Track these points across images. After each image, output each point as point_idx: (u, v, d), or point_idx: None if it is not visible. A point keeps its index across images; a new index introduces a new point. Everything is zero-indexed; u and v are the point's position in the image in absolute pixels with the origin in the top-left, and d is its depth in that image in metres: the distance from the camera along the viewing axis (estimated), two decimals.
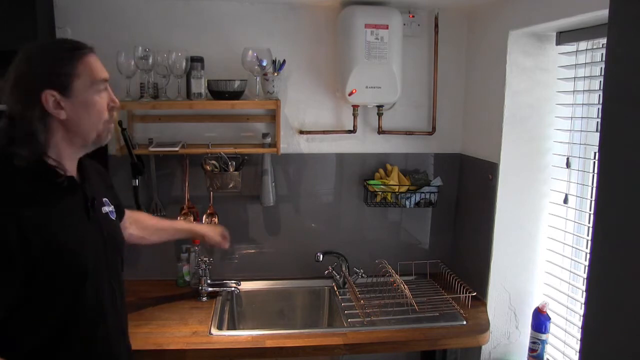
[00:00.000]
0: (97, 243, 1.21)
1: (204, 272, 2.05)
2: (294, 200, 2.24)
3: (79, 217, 1.19)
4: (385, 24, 1.96)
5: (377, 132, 2.19)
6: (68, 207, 1.16)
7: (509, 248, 1.93)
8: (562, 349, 1.79)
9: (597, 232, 0.68)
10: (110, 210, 1.33)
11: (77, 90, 1.13)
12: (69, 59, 1.14)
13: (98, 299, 1.19)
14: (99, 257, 1.21)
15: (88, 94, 1.15)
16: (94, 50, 1.19)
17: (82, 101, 1.14)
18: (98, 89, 1.17)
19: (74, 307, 1.14)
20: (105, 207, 1.31)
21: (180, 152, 1.98)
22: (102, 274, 1.21)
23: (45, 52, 1.15)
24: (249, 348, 1.68)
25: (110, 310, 1.24)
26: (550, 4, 1.60)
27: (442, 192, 2.21)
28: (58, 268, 1.10)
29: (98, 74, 1.17)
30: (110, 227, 1.30)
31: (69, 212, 1.16)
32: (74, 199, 1.19)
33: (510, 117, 1.86)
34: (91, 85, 1.15)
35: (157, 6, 2.01)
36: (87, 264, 1.16)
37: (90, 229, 1.20)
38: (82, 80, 1.14)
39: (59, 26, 1.95)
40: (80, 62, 1.14)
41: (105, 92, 1.19)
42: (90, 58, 1.16)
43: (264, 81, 2.02)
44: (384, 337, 1.77)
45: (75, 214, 1.18)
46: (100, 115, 1.17)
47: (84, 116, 1.16)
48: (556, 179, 1.88)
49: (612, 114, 0.65)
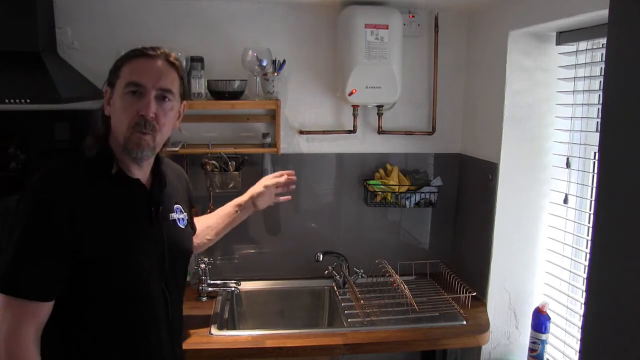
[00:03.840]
0: (154, 249, 1.20)
1: (204, 272, 2.05)
2: (294, 200, 2.23)
3: (140, 221, 1.19)
4: (385, 24, 1.96)
5: (377, 132, 2.19)
6: (129, 209, 1.18)
7: (509, 248, 1.93)
8: (562, 349, 1.79)
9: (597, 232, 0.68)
10: (181, 217, 1.31)
11: (116, 89, 1.16)
12: (125, 58, 1.17)
13: (148, 305, 1.18)
14: (153, 264, 1.19)
15: (119, 93, 1.15)
16: (161, 56, 1.17)
17: (116, 99, 1.16)
18: (127, 91, 1.14)
19: (122, 310, 1.15)
20: (175, 214, 1.29)
21: (180, 152, 1.98)
22: (154, 281, 1.19)
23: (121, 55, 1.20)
24: (249, 348, 1.68)
25: (163, 318, 1.22)
26: (550, 4, 1.60)
27: (442, 192, 2.21)
28: (106, 266, 1.12)
29: (133, 75, 1.14)
30: (175, 234, 1.28)
31: (128, 215, 1.17)
32: (138, 202, 1.20)
33: (510, 117, 1.86)
34: (124, 86, 1.14)
35: (157, 6, 2.01)
36: (139, 268, 1.16)
37: (150, 235, 1.20)
38: (121, 81, 1.15)
39: (59, 26, 1.95)
40: (130, 62, 1.16)
41: (135, 97, 1.14)
42: (141, 60, 1.16)
43: (264, 81, 2.02)
44: (384, 337, 1.77)
45: (137, 217, 1.19)
46: (121, 119, 1.15)
47: (114, 116, 1.17)
48: (556, 179, 1.88)
49: (612, 114, 0.65)
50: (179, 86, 1.21)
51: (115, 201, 1.16)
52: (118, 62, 1.18)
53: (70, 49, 1.97)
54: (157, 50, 1.18)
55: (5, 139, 1.97)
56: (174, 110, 1.21)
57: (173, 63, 1.20)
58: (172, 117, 1.21)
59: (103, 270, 1.12)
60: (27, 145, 1.98)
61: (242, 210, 1.66)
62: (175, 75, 1.20)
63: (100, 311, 1.14)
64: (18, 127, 1.98)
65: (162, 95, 1.16)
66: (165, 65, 1.18)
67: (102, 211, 1.13)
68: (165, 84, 1.16)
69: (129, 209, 1.18)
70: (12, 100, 1.61)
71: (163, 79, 1.16)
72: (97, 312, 1.13)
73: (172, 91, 1.18)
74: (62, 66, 1.88)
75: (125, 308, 1.16)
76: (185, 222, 1.34)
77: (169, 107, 1.19)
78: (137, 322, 1.18)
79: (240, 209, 1.65)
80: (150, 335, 1.20)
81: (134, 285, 1.16)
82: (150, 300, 1.19)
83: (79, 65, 1.90)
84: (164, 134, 1.21)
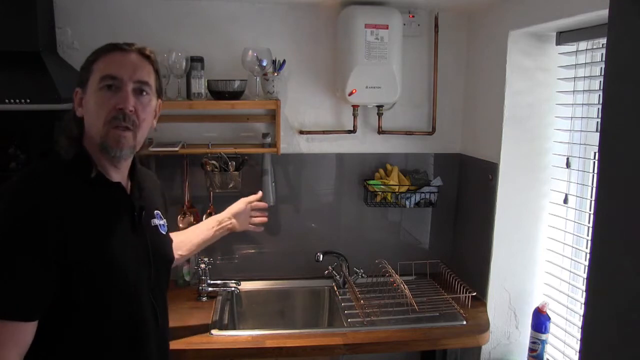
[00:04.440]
0: (138, 255, 1.15)
1: (204, 272, 2.05)
2: (294, 200, 2.24)
3: (123, 226, 1.12)
4: (385, 24, 1.96)
5: (377, 132, 2.19)
6: (112, 214, 1.11)
7: (509, 248, 1.93)
8: (562, 349, 1.79)
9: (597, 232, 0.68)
10: (161, 224, 1.27)
11: (89, 86, 1.10)
12: (96, 54, 1.12)
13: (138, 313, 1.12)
14: (140, 270, 1.14)
15: (93, 89, 1.09)
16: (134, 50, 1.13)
17: (88, 97, 1.10)
18: (101, 85, 1.08)
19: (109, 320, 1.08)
20: (156, 219, 1.25)
21: (180, 152, 1.97)
22: (142, 288, 1.14)
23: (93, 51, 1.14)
24: (249, 348, 1.68)
25: (153, 326, 1.16)
26: (550, 4, 1.60)
27: (442, 192, 2.21)
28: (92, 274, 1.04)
29: (107, 69, 1.08)
30: (157, 240, 1.23)
31: (111, 220, 1.11)
32: (120, 207, 1.13)
33: (510, 117, 1.86)
34: (99, 81, 1.08)
35: (157, 6, 2.01)
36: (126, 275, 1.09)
37: (134, 240, 1.14)
38: (94, 76, 1.09)
39: (59, 26, 1.95)
40: (102, 58, 1.10)
41: (111, 92, 1.08)
42: (115, 54, 1.10)
43: (264, 81, 2.02)
44: (384, 337, 1.77)
45: (119, 222, 1.12)
46: (97, 115, 1.08)
47: (88, 115, 1.11)
48: (556, 179, 1.87)
49: (612, 114, 0.65)
50: (155, 80, 1.17)
51: (97, 206, 1.09)
52: (90, 57, 1.12)
53: (70, 49, 1.97)
54: (131, 45, 1.14)
55: (5, 139, 1.97)
56: (152, 105, 1.16)
57: (148, 56, 1.15)
58: (150, 113, 1.16)
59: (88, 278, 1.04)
60: (27, 145, 1.98)
61: (220, 228, 1.66)
62: (150, 69, 1.15)
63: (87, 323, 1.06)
64: (18, 127, 1.97)
65: (139, 89, 1.11)
66: (140, 58, 1.13)
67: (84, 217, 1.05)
68: (142, 76, 1.11)
69: (111, 214, 1.12)
70: (12, 100, 1.61)
71: (139, 71, 1.11)
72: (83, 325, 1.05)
73: (149, 84, 1.14)
74: (62, 66, 1.88)
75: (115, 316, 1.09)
76: (166, 229, 1.29)
77: (146, 100, 1.14)
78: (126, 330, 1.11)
79: (218, 225, 1.66)
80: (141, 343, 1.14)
81: (122, 293, 1.10)
82: (140, 308, 1.13)
83: (79, 65, 1.86)
84: (144, 131, 1.15)
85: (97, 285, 1.05)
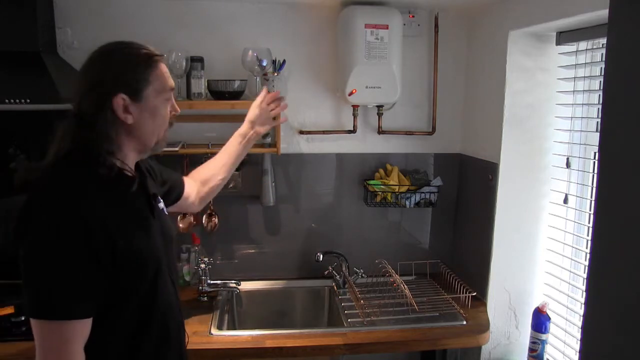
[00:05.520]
0: (160, 239, 1.24)
1: (204, 272, 2.05)
2: (294, 200, 2.24)
3: (147, 215, 1.21)
4: (385, 24, 1.96)
5: (377, 132, 2.19)
6: (137, 207, 1.20)
7: (509, 248, 1.93)
8: (562, 349, 1.79)
9: (597, 232, 0.68)
10: (163, 206, 1.35)
11: (147, 97, 1.15)
12: (145, 65, 1.15)
13: (166, 293, 1.22)
14: (163, 254, 1.23)
15: (157, 101, 1.18)
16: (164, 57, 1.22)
17: (151, 108, 1.17)
18: (166, 97, 1.20)
19: (151, 303, 1.17)
20: (160, 203, 1.33)
21: (180, 152, 1.97)
22: (165, 269, 1.23)
23: (123, 55, 1.15)
24: (249, 348, 1.68)
25: (175, 302, 1.27)
26: (550, 4, 1.60)
27: (442, 192, 2.21)
28: (137, 267, 1.13)
29: (168, 82, 1.20)
30: (167, 222, 1.32)
31: (139, 212, 1.20)
32: (140, 198, 1.22)
33: (510, 117, 1.86)
34: (161, 93, 1.18)
35: (157, 6, 2.01)
36: (159, 260, 1.19)
37: (156, 226, 1.23)
38: (153, 87, 1.16)
39: (59, 26, 1.95)
40: (154, 69, 1.17)
41: (170, 101, 1.22)
42: (162, 66, 1.19)
43: (264, 81, 2.02)
44: (384, 337, 1.77)
45: (144, 213, 1.21)
46: (163, 123, 1.21)
47: (149, 122, 1.18)
48: (556, 179, 1.88)
49: (612, 114, 0.65)
50: None
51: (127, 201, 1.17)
52: (136, 67, 1.14)
53: (70, 49, 1.97)
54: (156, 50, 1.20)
55: (5, 139, 1.97)
56: None
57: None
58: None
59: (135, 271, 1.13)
60: (27, 145, 1.98)
61: (247, 140, 1.70)
62: None
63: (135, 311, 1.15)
64: (18, 127, 1.97)
65: None
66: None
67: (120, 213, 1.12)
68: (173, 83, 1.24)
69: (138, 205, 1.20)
70: (12, 100, 1.61)
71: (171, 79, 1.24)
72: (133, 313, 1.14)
73: None
74: (62, 66, 1.88)
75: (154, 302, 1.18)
76: (166, 209, 1.37)
77: None
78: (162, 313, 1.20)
79: (244, 139, 1.69)
80: (175, 321, 1.26)
81: (162, 278, 1.20)
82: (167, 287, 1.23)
83: (79, 65, 1.88)
84: None
85: (143, 274, 1.14)
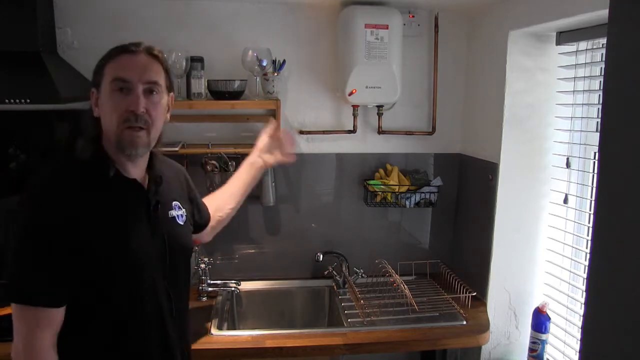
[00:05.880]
0: (154, 247, 1.21)
1: (204, 272, 2.05)
2: (294, 200, 2.24)
3: (139, 221, 1.19)
4: (385, 24, 1.96)
5: (377, 132, 2.19)
6: (129, 210, 1.18)
7: (509, 248, 1.93)
8: (562, 349, 1.79)
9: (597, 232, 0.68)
10: (179, 214, 1.31)
11: (102, 89, 1.15)
12: (108, 57, 1.16)
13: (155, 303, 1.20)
14: (156, 262, 1.21)
15: (106, 91, 1.14)
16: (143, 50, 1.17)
17: (102, 99, 1.16)
18: (113, 88, 1.13)
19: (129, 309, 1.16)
20: (173, 210, 1.30)
21: (180, 152, 1.97)
22: (158, 279, 1.21)
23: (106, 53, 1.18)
24: (249, 348, 1.68)
25: (168, 315, 1.23)
26: (550, 4, 1.60)
27: (442, 192, 2.21)
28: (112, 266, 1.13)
29: (117, 72, 1.13)
30: (174, 231, 1.28)
31: (128, 215, 1.18)
32: (137, 202, 1.20)
33: (510, 117, 1.86)
34: (111, 84, 1.13)
35: (158, 6, 2.01)
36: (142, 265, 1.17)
37: (150, 234, 1.20)
38: (106, 78, 1.14)
39: (59, 26, 1.95)
40: (114, 60, 1.15)
41: (123, 94, 1.13)
42: (124, 56, 1.15)
43: (264, 81, 2.02)
44: (384, 337, 1.77)
45: (136, 217, 1.19)
46: (111, 118, 1.14)
47: (104, 117, 1.17)
48: (556, 179, 1.87)
49: (612, 114, 0.65)
50: (164, 78, 1.21)
51: (114, 203, 1.17)
52: (101, 61, 1.17)
53: (70, 49, 1.97)
54: (139, 45, 1.18)
55: (5, 139, 1.97)
56: (163, 103, 1.21)
57: (156, 55, 1.19)
58: (162, 110, 1.21)
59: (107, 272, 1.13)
60: (27, 145, 1.98)
61: (255, 169, 1.64)
62: (159, 67, 1.19)
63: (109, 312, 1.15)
64: (18, 127, 1.98)
65: (149, 89, 1.16)
66: (148, 58, 1.17)
67: (102, 214, 1.13)
68: (151, 77, 1.16)
69: (127, 209, 1.19)
70: (12, 100, 1.61)
71: (148, 72, 1.15)
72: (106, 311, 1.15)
73: (159, 83, 1.18)
74: (62, 66, 1.88)
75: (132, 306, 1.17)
76: (184, 219, 1.34)
77: (157, 99, 1.18)
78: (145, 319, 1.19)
79: (252, 167, 1.64)
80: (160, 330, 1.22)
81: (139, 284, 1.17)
82: (156, 296, 1.20)
83: (79, 65, 1.90)
84: (157, 128, 1.20)
85: (116, 276, 1.14)
